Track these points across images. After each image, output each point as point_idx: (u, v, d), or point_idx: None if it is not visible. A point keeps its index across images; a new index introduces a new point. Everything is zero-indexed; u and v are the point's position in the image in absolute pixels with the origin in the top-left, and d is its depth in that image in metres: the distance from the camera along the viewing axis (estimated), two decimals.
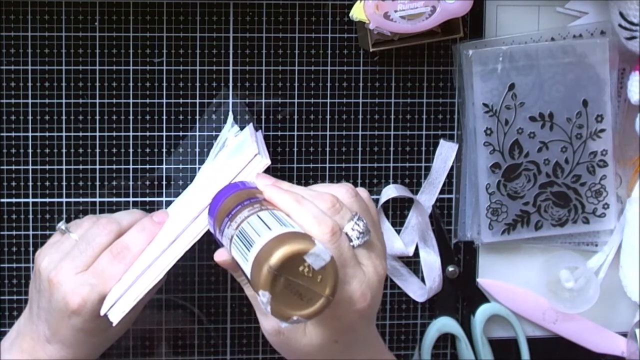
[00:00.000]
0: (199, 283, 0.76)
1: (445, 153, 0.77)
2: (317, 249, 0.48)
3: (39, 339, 0.65)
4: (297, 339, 0.57)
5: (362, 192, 0.61)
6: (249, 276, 0.50)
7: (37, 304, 0.65)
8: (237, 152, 0.66)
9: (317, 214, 0.55)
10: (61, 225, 0.67)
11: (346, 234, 0.56)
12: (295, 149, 0.76)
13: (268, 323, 0.58)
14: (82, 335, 0.63)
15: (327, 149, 0.76)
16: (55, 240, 0.67)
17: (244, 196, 0.58)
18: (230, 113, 0.74)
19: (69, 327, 0.63)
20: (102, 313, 0.62)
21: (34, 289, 0.66)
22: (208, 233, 0.63)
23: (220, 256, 0.58)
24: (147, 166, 0.74)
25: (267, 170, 0.63)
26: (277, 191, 0.58)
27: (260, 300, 0.48)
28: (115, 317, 0.61)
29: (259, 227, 0.52)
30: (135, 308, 0.63)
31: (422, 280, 0.78)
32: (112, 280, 0.62)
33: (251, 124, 0.72)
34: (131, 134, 0.74)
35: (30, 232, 0.74)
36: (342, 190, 0.59)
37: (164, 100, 0.74)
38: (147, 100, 0.74)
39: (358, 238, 0.56)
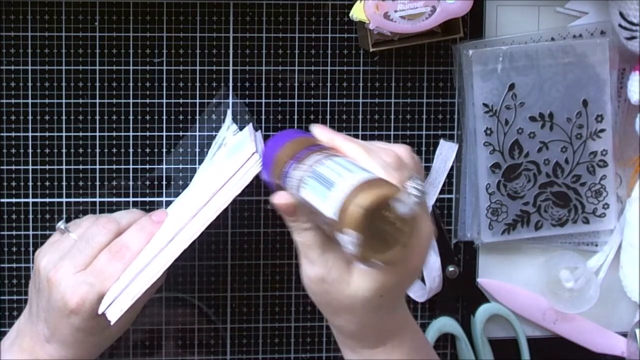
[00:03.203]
0: (199, 283, 0.76)
1: (445, 153, 0.77)
2: (404, 196, 0.49)
3: (38, 338, 0.65)
4: (341, 289, 0.56)
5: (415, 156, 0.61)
6: (329, 215, 0.50)
7: (37, 304, 0.65)
8: (236, 151, 0.66)
9: (385, 166, 0.55)
10: (61, 224, 0.67)
11: None
12: None
13: (312, 270, 0.57)
14: (81, 335, 0.63)
15: None
16: (54, 239, 0.67)
17: (308, 142, 0.58)
18: (229, 112, 0.74)
19: (68, 326, 0.63)
20: (100, 311, 0.62)
21: (33, 288, 0.66)
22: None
23: (281, 198, 0.56)
24: (147, 166, 0.74)
25: None
26: (346, 140, 0.58)
27: (345, 239, 0.48)
28: (113, 316, 0.61)
29: (338, 169, 0.52)
30: (134, 307, 0.63)
31: (422, 280, 0.78)
32: (110, 279, 0.62)
33: (251, 124, 0.72)
34: (131, 134, 0.74)
35: (30, 232, 0.74)
36: (402, 149, 0.59)
37: (164, 100, 0.74)
38: (147, 100, 0.74)
39: (417, 197, 0.56)
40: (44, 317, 0.64)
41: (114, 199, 0.74)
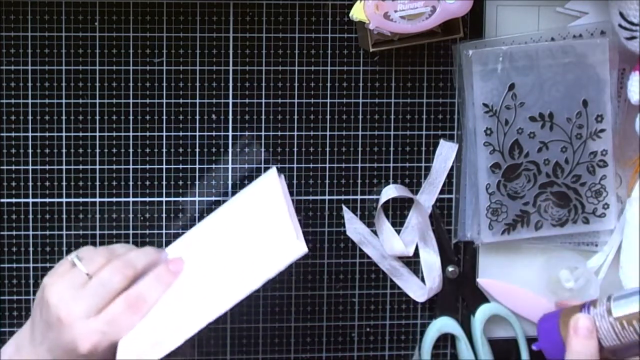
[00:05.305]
0: None
1: (445, 153, 0.77)
2: None
3: None
4: None
5: None
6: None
7: (42, 332, 0.63)
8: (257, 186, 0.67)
9: None
10: (73, 257, 0.65)
11: None
12: (295, 149, 0.76)
13: None
14: None
15: (327, 149, 0.76)
16: (64, 269, 0.65)
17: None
18: (274, 169, 0.74)
19: None
20: None
21: (39, 315, 0.64)
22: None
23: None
24: (147, 166, 0.74)
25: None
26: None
27: None
28: None
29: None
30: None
31: (422, 280, 0.78)
32: (125, 330, 0.62)
33: (275, 167, 0.74)
34: (131, 134, 0.74)
35: (30, 232, 0.74)
36: None
37: (164, 100, 0.74)
38: (147, 100, 0.74)
39: None
40: (49, 347, 0.63)
41: (114, 199, 0.74)
